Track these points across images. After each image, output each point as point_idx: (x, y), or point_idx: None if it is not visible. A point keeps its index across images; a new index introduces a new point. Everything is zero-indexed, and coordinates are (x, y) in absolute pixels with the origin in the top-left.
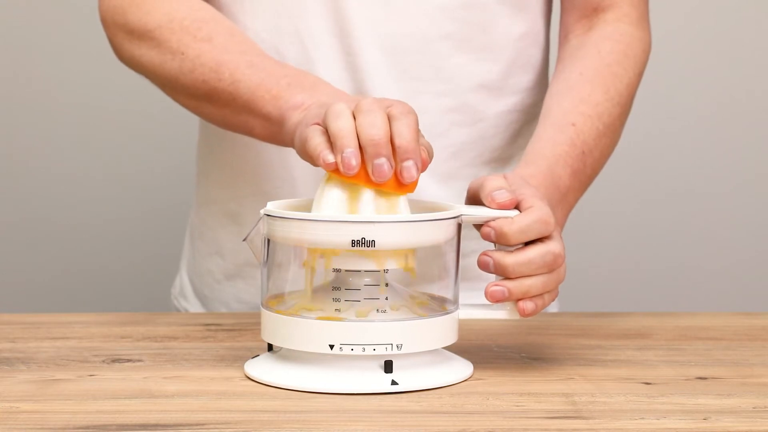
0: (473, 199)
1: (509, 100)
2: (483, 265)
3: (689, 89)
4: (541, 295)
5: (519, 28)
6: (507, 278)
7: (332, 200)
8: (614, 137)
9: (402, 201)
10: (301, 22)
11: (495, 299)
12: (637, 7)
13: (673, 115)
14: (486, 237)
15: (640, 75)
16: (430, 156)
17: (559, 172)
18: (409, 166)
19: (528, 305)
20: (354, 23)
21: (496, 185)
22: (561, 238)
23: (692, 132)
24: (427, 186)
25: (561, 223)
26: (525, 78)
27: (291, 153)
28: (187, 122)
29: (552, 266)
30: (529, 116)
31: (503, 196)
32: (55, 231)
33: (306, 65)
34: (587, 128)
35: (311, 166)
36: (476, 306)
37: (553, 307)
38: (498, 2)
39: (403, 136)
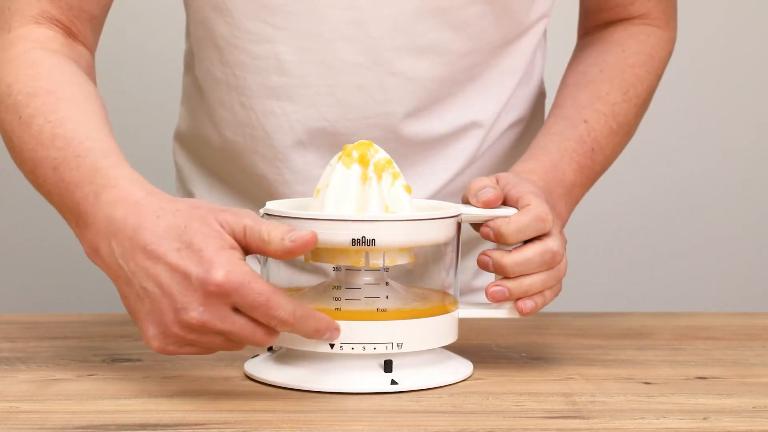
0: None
1: (507, 122)
2: (482, 265)
3: (688, 90)
4: (541, 292)
5: (514, 69)
6: (506, 277)
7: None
8: (628, 136)
9: (406, 200)
10: (328, 53)
11: (495, 300)
12: (665, 11)
13: (673, 115)
14: (485, 236)
15: (661, 75)
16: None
17: (564, 167)
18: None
19: (527, 304)
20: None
21: (480, 185)
22: (561, 234)
23: (692, 132)
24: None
25: (565, 217)
26: (517, 113)
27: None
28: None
29: (551, 264)
30: (524, 131)
31: (487, 194)
32: (55, 231)
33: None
34: (600, 126)
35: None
36: (476, 305)
37: (549, 308)
38: (492, 47)
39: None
